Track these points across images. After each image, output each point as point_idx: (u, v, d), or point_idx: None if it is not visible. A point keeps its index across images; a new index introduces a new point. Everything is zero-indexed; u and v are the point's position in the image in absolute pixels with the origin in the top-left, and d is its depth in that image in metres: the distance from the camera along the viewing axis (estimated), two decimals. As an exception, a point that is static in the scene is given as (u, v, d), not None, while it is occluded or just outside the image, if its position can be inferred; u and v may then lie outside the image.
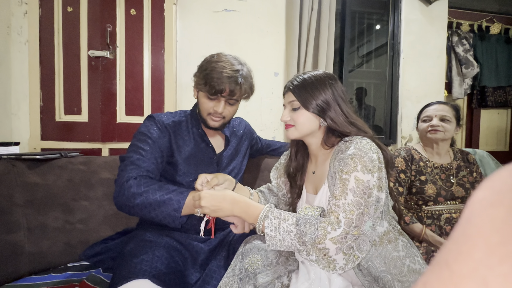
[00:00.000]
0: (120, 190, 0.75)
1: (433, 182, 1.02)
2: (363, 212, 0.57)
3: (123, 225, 1.07)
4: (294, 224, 0.60)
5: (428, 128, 1.05)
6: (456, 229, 0.16)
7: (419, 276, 0.61)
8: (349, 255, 0.57)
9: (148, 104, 1.39)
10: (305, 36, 1.53)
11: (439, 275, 0.16)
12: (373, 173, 0.59)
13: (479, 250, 0.14)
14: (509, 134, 2.26)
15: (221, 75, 0.81)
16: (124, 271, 0.66)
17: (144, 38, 1.37)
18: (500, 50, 2.12)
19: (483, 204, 0.16)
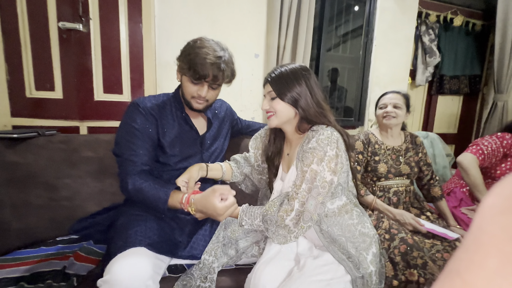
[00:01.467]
0: (122, 185, 0.87)
1: (385, 162, 1.19)
2: (311, 194, 0.71)
3: (109, 201, 1.13)
4: (261, 221, 0.76)
5: (383, 114, 1.20)
6: (467, 237, 0.16)
7: (366, 237, 0.77)
8: (303, 228, 0.72)
9: (127, 82, 1.36)
10: (285, 18, 1.55)
11: (450, 285, 0.15)
12: (328, 163, 0.71)
13: (493, 259, 0.13)
14: (458, 119, 2.57)
15: (204, 61, 0.84)
16: (121, 242, 0.74)
17: (120, 11, 1.31)
18: (460, 42, 2.32)
19: (493, 211, 0.15)
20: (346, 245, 0.74)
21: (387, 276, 0.94)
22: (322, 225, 0.75)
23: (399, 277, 0.94)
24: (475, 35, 2.37)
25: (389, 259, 0.97)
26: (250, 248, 0.85)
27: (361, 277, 0.71)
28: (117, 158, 0.90)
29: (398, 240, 0.99)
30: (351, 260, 0.72)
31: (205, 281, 0.77)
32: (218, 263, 0.80)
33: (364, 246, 0.75)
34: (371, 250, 0.76)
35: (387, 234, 1.03)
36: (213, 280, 0.77)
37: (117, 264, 0.68)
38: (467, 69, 2.37)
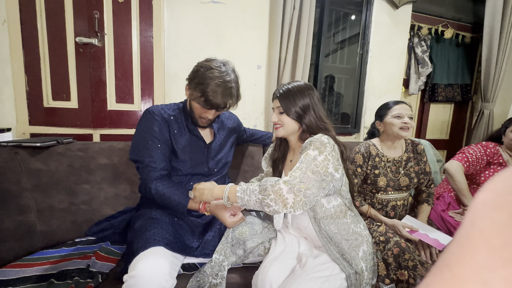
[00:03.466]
0: (145, 189, 0.96)
1: (384, 175, 1.21)
2: (306, 173, 0.74)
3: (123, 205, 1.21)
4: (258, 185, 0.78)
5: (401, 125, 1.16)
6: (459, 232, 0.16)
7: (358, 236, 0.86)
8: (297, 196, 0.72)
9: (137, 92, 1.45)
10: (286, 33, 1.65)
11: (441, 277, 0.15)
12: (321, 151, 0.77)
13: (482, 253, 0.14)
14: (450, 126, 2.69)
15: (216, 93, 0.91)
16: (141, 242, 0.82)
17: (133, 26, 1.40)
18: (451, 53, 2.45)
19: (485, 206, 0.15)
20: (341, 242, 0.83)
21: (379, 275, 1.03)
22: (321, 225, 0.84)
23: (391, 276, 1.03)
24: (465, 47, 2.49)
25: (382, 259, 1.07)
26: (256, 248, 0.94)
27: (354, 273, 0.80)
28: (137, 164, 0.98)
29: (392, 243, 1.08)
30: (345, 257, 0.82)
31: (216, 277, 0.86)
32: (228, 261, 0.89)
33: (356, 243, 0.84)
34: (362, 247, 0.85)
35: (382, 237, 1.12)
36: (224, 276, 0.86)
37: (141, 261, 0.76)
38: (458, 78, 2.49)
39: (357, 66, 2.08)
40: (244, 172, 1.44)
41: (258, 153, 1.47)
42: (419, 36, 2.29)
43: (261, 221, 1.04)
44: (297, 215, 0.94)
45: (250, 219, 1.02)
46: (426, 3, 2.24)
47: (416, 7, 2.13)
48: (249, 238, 0.95)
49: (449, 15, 2.33)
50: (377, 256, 1.07)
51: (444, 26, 2.32)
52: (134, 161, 1.00)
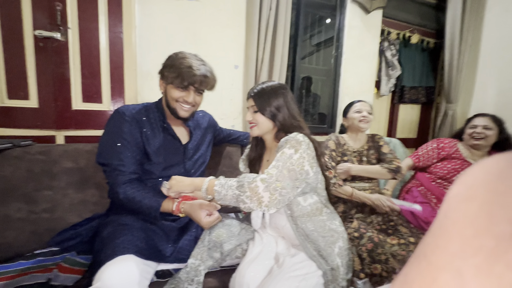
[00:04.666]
0: (114, 194, 0.91)
1: (351, 162, 1.36)
2: (282, 172, 0.75)
3: (91, 211, 1.13)
4: (236, 180, 0.78)
5: (360, 118, 1.36)
6: (434, 223, 0.17)
7: (334, 232, 0.88)
8: (273, 195, 0.73)
9: (107, 91, 1.37)
10: (263, 34, 1.66)
11: (417, 266, 0.16)
12: (296, 150, 0.79)
13: (454, 243, 0.14)
14: (418, 125, 2.87)
15: (191, 69, 0.92)
16: (109, 250, 0.77)
17: (100, 21, 1.31)
18: (417, 57, 2.61)
19: (457, 199, 0.16)
20: (318, 239, 0.85)
21: (355, 270, 1.07)
22: (298, 223, 0.85)
23: (365, 271, 1.07)
24: (429, 51, 2.67)
25: (357, 255, 1.10)
26: (234, 250, 0.92)
27: (331, 269, 0.81)
28: (104, 167, 0.92)
29: (366, 238, 1.13)
30: (321, 254, 0.83)
31: (192, 283, 0.82)
32: (204, 265, 0.86)
33: (332, 240, 0.86)
34: (338, 244, 0.87)
35: (356, 233, 1.16)
36: (200, 282, 0.83)
37: (107, 271, 0.71)
38: (423, 81, 2.66)
39: (332, 68, 2.14)
40: (222, 173, 1.41)
41: (236, 154, 1.46)
42: (388, 40, 2.42)
43: (239, 222, 1.03)
44: (274, 214, 0.94)
45: (228, 221, 1.00)
46: (394, 9, 2.37)
47: (386, 13, 2.24)
48: (226, 240, 0.92)
49: (415, 22, 2.49)
50: (352, 251, 1.10)
51: (411, 31, 2.47)
52: (101, 164, 0.93)
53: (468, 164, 1.45)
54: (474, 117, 1.51)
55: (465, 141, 1.50)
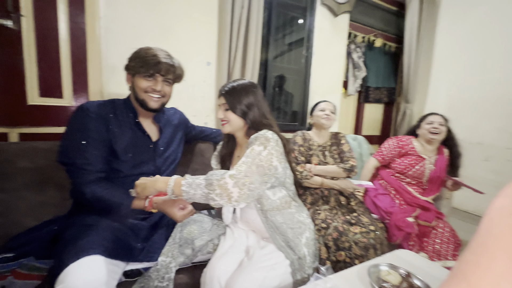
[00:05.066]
0: (78, 194, 0.87)
1: (316, 155, 1.49)
2: (251, 168, 0.77)
3: (51, 214, 1.06)
4: (204, 179, 0.77)
5: (323, 116, 1.50)
6: (474, 239, 0.15)
7: (302, 224, 0.93)
8: (242, 190, 0.74)
9: (68, 86, 1.28)
10: (235, 32, 1.67)
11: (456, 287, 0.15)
12: (265, 146, 0.82)
13: (500, 263, 0.13)
14: (381, 123, 3.10)
15: (156, 57, 0.92)
16: (72, 252, 0.74)
17: (59, 9, 1.22)
18: (380, 59, 2.80)
19: (502, 213, 0.14)
20: (286, 231, 0.89)
21: (321, 258, 1.14)
22: (267, 216, 0.89)
23: (331, 258, 1.15)
24: (391, 55, 2.89)
25: (324, 244, 1.18)
26: (205, 245, 0.94)
27: (298, 258, 0.86)
28: (67, 167, 0.87)
29: (332, 228, 1.21)
30: (289, 245, 0.88)
31: (163, 281, 0.82)
32: (175, 262, 0.86)
33: (300, 231, 0.91)
34: (305, 234, 0.92)
35: (323, 224, 1.24)
36: (171, 279, 0.83)
37: (70, 273, 0.68)
38: (385, 82, 2.87)
39: (303, 67, 2.22)
40: (194, 170, 1.41)
41: (208, 151, 1.46)
42: (355, 43, 2.57)
43: (211, 218, 1.04)
44: (245, 209, 0.97)
45: (199, 218, 1.01)
46: (360, 14, 2.52)
47: (352, 17, 2.38)
48: (198, 236, 0.93)
49: (379, 27, 2.67)
50: (319, 241, 1.17)
51: (375, 36, 2.65)
52: (63, 163, 0.88)
53: (422, 159, 1.60)
54: (428, 115, 1.66)
55: (422, 136, 1.65)
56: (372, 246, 1.15)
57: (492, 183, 2.35)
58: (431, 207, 1.52)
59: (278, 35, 2.14)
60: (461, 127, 2.02)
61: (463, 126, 2.46)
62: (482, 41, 2.42)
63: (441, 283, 0.16)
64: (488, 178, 2.39)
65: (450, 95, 2.67)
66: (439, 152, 1.64)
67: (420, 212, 1.49)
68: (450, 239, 1.40)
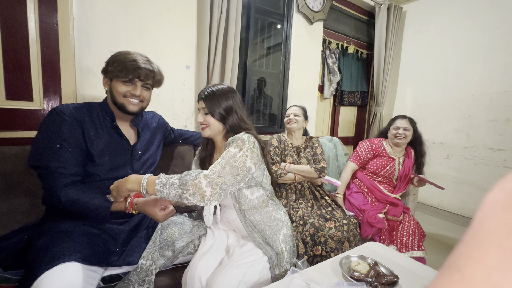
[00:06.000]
0: (52, 199, 0.84)
1: (290, 156, 1.58)
2: (225, 168, 0.81)
3: (20, 222, 1.02)
4: (177, 178, 0.78)
5: (288, 121, 1.62)
6: (468, 232, 0.16)
7: (279, 221, 0.98)
8: (215, 189, 0.77)
9: (38, 88, 1.23)
10: (214, 35, 1.69)
11: (450, 279, 0.15)
12: (241, 149, 0.85)
13: (492, 255, 0.13)
14: (355, 125, 3.27)
15: (135, 62, 0.92)
16: (46, 260, 0.71)
17: (28, 8, 1.17)
18: (353, 65, 2.97)
19: (496, 206, 0.15)
20: (264, 228, 0.93)
21: (299, 253, 1.19)
22: (246, 215, 0.92)
23: (308, 253, 1.21)
24: (363, 61, 3.07)
25: (301, 239, 1.24)
26: (186, 247, 0.95)
27: (276, 254, 0.91)
28: (39, 170, 0.84)
29: (309, 224, 1.27)
30: (267, 241, 0.92)
31: (143, 284, 0.82)
32: (156, 265, 0.87)
33: (277, 228, 0.96)
34: (282, 231, 0.97)
35: (301, 220, 1.30)
36: (151, 281, 0.84)
37: (44, 281, 0.67)
38: (359, 87, 3.05)
39: (281, 72, 2.30)
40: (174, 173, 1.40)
41: (188, 154, 1.46)
42: (329, 49, 2.70)
43: (191, 220, 1.05)
44: (225, 210, 1.00)
45: (180, 220, 1.02)
46: (334, 22, 2.66)
47: (326, 24, 2.51)
48: (178, 238, 0.94)
49: (351, 34, 2.83)
50: (297, 237, 1.23)
51: (348, 42, 2.80)
52: (35, 167, 0.85)
53: (392, 159, 1.73)
54: (396, 119, 1.78)
55: (389, 139, 1.78)
56: (346, 239, 1.23)
57: (453, 180, 2.59)
58: (399, 203, 1.64)
59: (256, 39, 2.20)
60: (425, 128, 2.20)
61: (427, 127, 2.68)
62: (442, 49, 2.67)
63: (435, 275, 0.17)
64: (449, 174, 2.63)
65: (415, 99, 2.90)
66: (406, 152, 1.78)
67: (389, 208, 1.60)
68: (416, 231, 1.52)
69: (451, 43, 2.60)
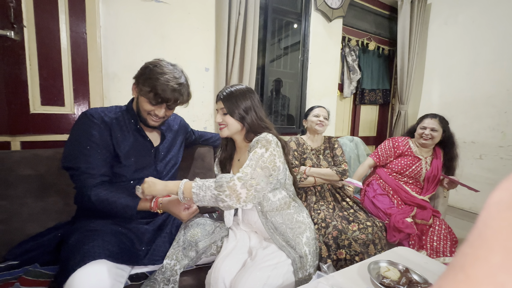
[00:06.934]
0: (83, 198, 0.88)
1: (310, 159, 1.53)
2: (256, 170, 0.81)
3: (54, 220, 1.08)
4: (213, 181, 0.81)
5: (317, 121, 1.55)
6: (472, 232, 0.15)
7: (301, 224, 0.96)
8: (249, 191, 0.78)
9: (69, 94, 1.30)
10: (233, 37, 1.70)
11: (454, 279, 0.15)
12: (267, 149, 0.85)
13: (497, 255, 0.13)
14: (376, 124, 3.15)
15: (166, 87, 0.91)
16: (78, 257, 0.75)
17: (60, 20, 1.25)
18: (374, 62, 2.87)
19: (500, 206, 0.15)
20: (286, 231, 0.91)
21: (322, 256, 1.16)
22: (267, 217, 0.91)
23: (331, 256, 1.17)
24: (384, 57, 2.95)
25: (324, 242, 1.20)
26: (209, 248, 0.95)
27: (299, 257, 0.88)
28: (71, 171, 0.89)
29: (331, 227, 1.23)
30: (289, 244, 0.90)
31: (168, 283, 0.84)
32: (180, 265, 0.88)
33: (300, 231, 0.94)
34: (305, 234, 0.95)
35: (323, 223, 1.27)
36: (176, 281, 0.85)
37: (77, 278, 0.70)
38: (380, 84, 2.93)
39: (299, 71, 2.27)
40: (195, 174, 1.43)
41: (208, 155, 1.48)
42: (349, 46, 2.62)
43: (213, 221, 1.06)
44: (247, 211, 0.99)
45: (202, 221, 1.03)
46: (353, 18, 2.59)
47: (346, 21, 2.44)
48: (201, 238, 0.95)
49: (372, 30, 2.74)
50: (320, 240, 1.20)
51: (368, 39, 2.71)
52: (67, 168, 0.90)
53: (418, 159, 1.64)
54: (425, 118, 1.67)
55: (415, 139, 1.69)
56: (371, 242, 1.18)
57: (487, 181, 2.40)
58: (427, 206, 1.55)
59: (273, 40, 2.19)
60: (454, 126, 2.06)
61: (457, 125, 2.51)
62: (472, 42, 2.49)
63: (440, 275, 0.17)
64: (482, 176, 2.44)
65: (443, 96, 2.73)
66: (435, 152, 1.67)
67: (417, 211, 1.52)
68: (447, 236, 1.43)
69: (483, 34, 2.43)
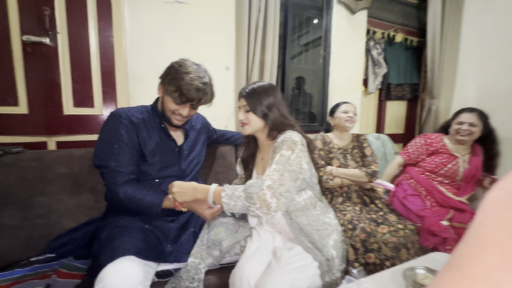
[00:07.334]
0: (112, 195, 0.92)
1: (337, 159, 1.46)
2: (284, 175, 0.78)
3: (86, 216, 1.13)
4: (243, 190, 0.79)
5: (347, 118, 1.45)
6: (469, 231, 0.16)
7: (328, 226, 0.92)
8: (279, 200, 0.75)
9: (98, 96, 1.36)
10: (253, 35, 1.69)
11: (450, 278, 0.15)
12: (293, 150, 0.82)
13: (492, 254, 0.13)
14: (404, 120, 2.97)
15: (191, 86, 0.92)
16: (109, 252, 0.78)
17: (89, 25, 1.31)
18: (401, 55, 2.70)
19: (496, 205, 0.15)
20: (312, 232, 0.88)
21: (349, 260, 1.11)
22: (292, 217, 0.88)
23: (359, 260, 1.11)
24: (413, 50, 2.77)
25: (351, 245, 1.14)
26: (232, 247, 0.95)
27: (326, 260, 0.84)
28: (101, 169, 0.93)
29: (359, 229, 1.17)
30: (316, 246, 0.86)
31: (193, 281, 0.84)
32: (204, 264, 0.88)
33: (326, 233, 0.90)
34: (332, 236, 0.90)
35: (350, 225, 1.21)
36: (201, 279, 0.85)
37: (109, 272, 0.72)
38: (408, 78, 2.76)
39: (321, 67, 2.20)
40: (217, 173, 1.43)
41: (229, 154, 1.48)
42: (374, 39, 2.50)
43: (236, 221, 1.05)
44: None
45: (225, 220, 1.02)
46: (378, 10, 2.45)
47: (370, 13, 2.32)
48: (225, 238, 0.94)
49: (398, 21, 2.58)
50: (346, 243, 1.14)
51: (395, 31, 2.56)
52: (98, 166, 0.94)
53: (454, 157, 1.51)
54: (462, 112, 1.53)
55: (451, 135, 1.55)
56: (403, 246, 1.10)
57: (534, 182, 2.17)
58: (465, 208, 1.43)
59: (294, 36, 2.14)
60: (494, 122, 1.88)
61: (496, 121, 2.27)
62: (514, 29, 2.26)
63: (436, 274, 0.16)
64: (528, 176, 2.21)
65: (479, 88, 2.50)
66: (473, 150, 1.54)
67: (454, 214, 1.40)
68: (489, 241, 1.30)
69: (527, 20, 2.19)
